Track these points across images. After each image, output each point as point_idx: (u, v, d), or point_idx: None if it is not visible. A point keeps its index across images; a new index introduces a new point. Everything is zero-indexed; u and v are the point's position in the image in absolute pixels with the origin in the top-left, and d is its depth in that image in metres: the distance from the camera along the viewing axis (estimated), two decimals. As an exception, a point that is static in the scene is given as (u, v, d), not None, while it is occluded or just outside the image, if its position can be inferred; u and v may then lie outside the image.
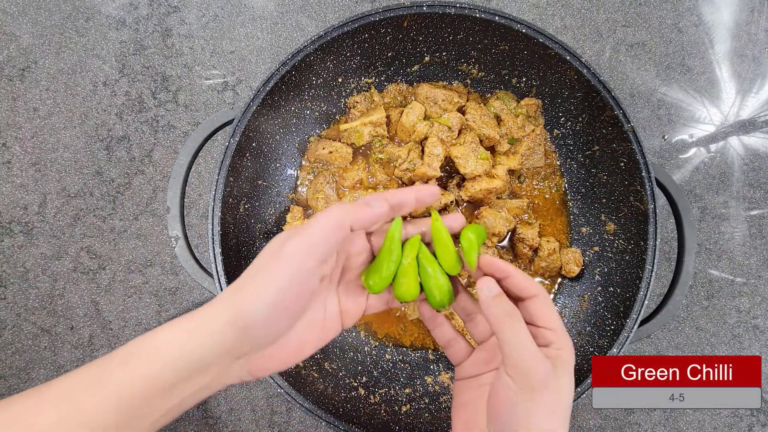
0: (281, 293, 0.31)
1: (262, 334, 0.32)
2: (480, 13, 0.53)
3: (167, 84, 0.68)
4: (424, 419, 0.56)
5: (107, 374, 0.31)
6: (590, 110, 0.58)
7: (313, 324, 0.36)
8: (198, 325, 0.32)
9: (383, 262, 0.36)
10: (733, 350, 0.66)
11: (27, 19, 0.68)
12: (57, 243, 0.66)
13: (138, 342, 0.32)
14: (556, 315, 0.35)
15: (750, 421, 0.65)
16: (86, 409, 0.30)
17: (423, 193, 0.37)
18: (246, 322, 0.31)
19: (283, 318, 0.33)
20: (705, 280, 0.67)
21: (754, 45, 0.70)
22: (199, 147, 0.55)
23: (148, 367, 0.31)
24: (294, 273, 0.31)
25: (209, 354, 0.31)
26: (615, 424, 0.65)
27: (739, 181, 0.68)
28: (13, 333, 0.65)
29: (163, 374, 0.31)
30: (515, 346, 0.32)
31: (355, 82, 0.63)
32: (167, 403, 0.32)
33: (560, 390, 0.32)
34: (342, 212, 0.33)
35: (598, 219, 0.62)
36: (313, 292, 0.33)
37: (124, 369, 0.31)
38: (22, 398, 0.31)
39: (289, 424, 0.64)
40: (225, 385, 0.34)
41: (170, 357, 0.31)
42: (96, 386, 0.31)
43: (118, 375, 0.31)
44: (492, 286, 0.35)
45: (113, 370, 0.31)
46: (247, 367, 0.34)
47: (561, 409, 0.32)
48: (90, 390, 0.31)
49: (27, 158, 0.67)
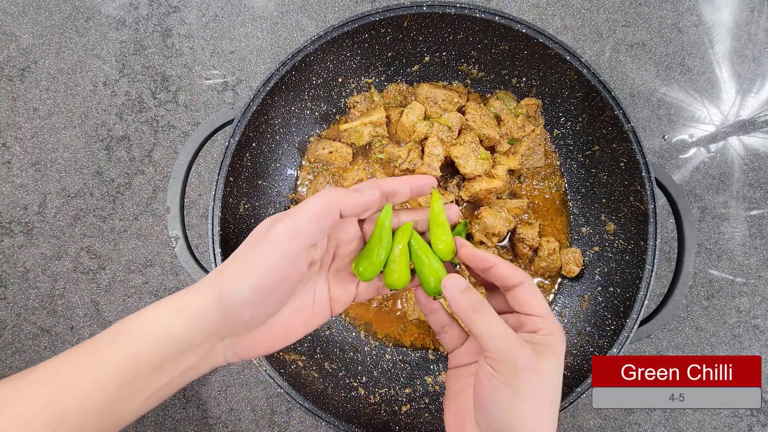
0: (265, 277, 0.31)
1: (245, 317, 0.32)
2: (480, 13, 0.53)
3: (167, 84, 0.68)
4: (424, 419, 0.56)
5: (95, 355, 0.31)
6: (590, 110, 0.58)
7: (301, 309, 0.36)
8: (183, 305, 0.32)
9: (374, 249, 0.36)
10: (733, 350, 0.66)
11: (27, 19, 0.68)
12: (57, 243, 0.66)
13: (124, 322, 0.32)
14: (543, 301, 0.35)
15: (750, 421, 0.65)
16: (75, 390, 0.30)
17: (419, 183, 0.37)
18: (227, 304, 0.31)
19: (267, 301, 0.32)
20: (705, 280, 0.67)
21: (754, 45, 0.70)
22: (199, 147, 0.55)
23: (136, 346, 0.31)
24: (280, 256, 0.31)
25: (195, 334, 0.31)
26: (615, 424, 0.65)
27: (739, 181, 0.68)
28: (13, 333, 0.65)
29: (152, 353, 0.31)
30: (489, 336, 0.32)
31: (355, 82, 0.63)
32: (157, 382, 0.32)
33: (544, 376, 0.32)
34: (332, 197, 0.33)
35: (598, 219, 0.62)
36: (300, 276, 0.33)
37: (112, 348, 0.31)
38: (5, 385, 0.30)
39: (289, 424, 0.64)
40: (212, 366, 0.34)
41: (158, 336, 0.31)
42: (84, 367, 0.31)
43: (106, 355, 0.31)
44: (458, 282, 0.35)
45: (101, 350, 0.31)
46: (233, 349, 0.34)
47: (546, 395, 0.32)
48: (78, 371, 0.31)
49: (27, 158, 0.67)
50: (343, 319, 0.63)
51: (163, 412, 0.63)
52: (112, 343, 0.31)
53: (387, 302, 0.63)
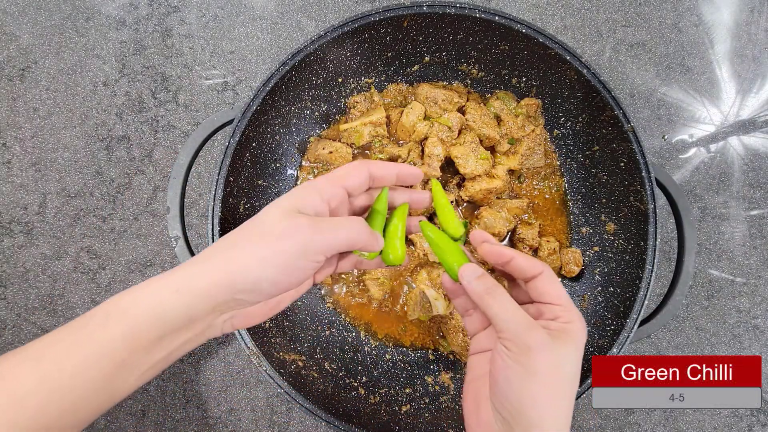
0: (284, 274, 0.33)
1: (255, 300, 0.35)
2: (480, 13, 0.53)
3: (167, 84, 0.68)
4: (424, 419, 0.56)
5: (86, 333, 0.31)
6: (590, 110, 0.58)
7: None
8: (181, 285, 0.33)
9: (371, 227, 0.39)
10: (733, 350, 0.66)
11: (27, 19, 0.68)
12: (57, 243, 0.66)
13: (118, 301, 0.33)
14: (562, 290, 0.35)
15: (750, 421, 0.65)
16: (69, 367, 0.30)
17: (405, 172, 0.40)
18: (239, 289, 0.33)
19: (281, 290, 0.35)
20: (705, 280, 0.67)
21: (754, 45, 0.70)
22: (199, 147, 0.55)
23: (131, 324, 0.32)
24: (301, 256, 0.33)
25: (196, 312, 0.33)
26: (615, 424, 0.65)
27: (739, 181, 0.68)
28: (13, 333, 0.65)
29: (149, 330, 0.32)
30: (502, 318, 0.33)
31: (355, 82, 0.63)
32: (153, 357, 0.33)
33: (558, 361, 0.32)
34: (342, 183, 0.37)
35: (598, 219, 0.62)
36: (315, 269, 0.35)
37: (105, 327, 0.32)
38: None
39: (289, 424, 0.64)
40: (208, 338, 0.36)
41: (156, 313, 0.32)
42: (77, 345, 0.31)
43: (99, 333, 0.31)
44: (474, 269, 0.36)
45: (93, 328, 0.32)
46: (231, 322, 0.36)
47: (560, 382, 0.32)
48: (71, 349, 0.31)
49: (27, 158, 0.67)
50: (343, 319, 0.63)
51: (163, 412, 0.63)
52: (105, 321, 0.32)
53: (387, 302, 0.63)
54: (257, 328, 0.53)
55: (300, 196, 0.35)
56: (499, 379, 0.33)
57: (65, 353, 0.31)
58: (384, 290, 0.62)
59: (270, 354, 0.51)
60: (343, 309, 0.63)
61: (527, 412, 0.31)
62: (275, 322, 0.57)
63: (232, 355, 0.64)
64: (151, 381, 0.63)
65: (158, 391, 0.64)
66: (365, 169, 0.38)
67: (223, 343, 0.65)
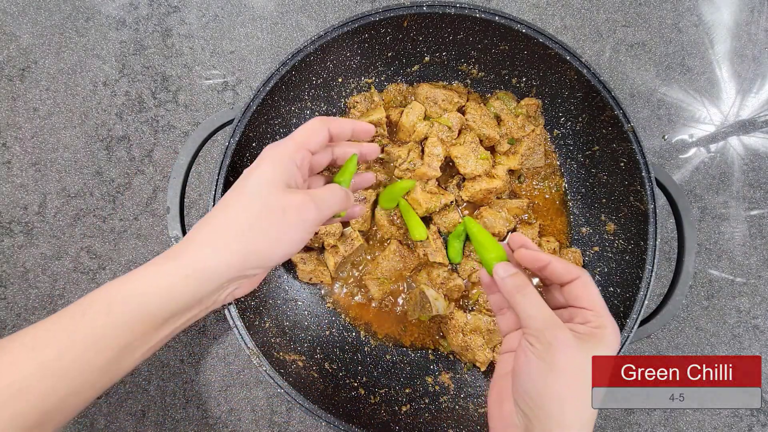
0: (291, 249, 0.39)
1: (259, 272, 0.40)
2: (480, 13, 0.53)
3: (167, 84, 0.68)
4: (424, 419, 0.56)
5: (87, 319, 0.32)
6: (590, 110, 0.58)
7: None
8: (196, 268, 0.35)
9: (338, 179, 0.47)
10: (733, 350, 0.66)
11: (27, 19, 0.68)
12: (57, 243, 0.66)
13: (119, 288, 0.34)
14: (598, 296, 0.36)
15: (750, 421, 0.65)
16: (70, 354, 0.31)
17: (359, 128, 0.46)
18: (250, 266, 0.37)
19: (283, 260, 0.41)
20: (705, 280, 0.67)
21: (754, 45, 0.70)
22: (199, 147, 0.55)
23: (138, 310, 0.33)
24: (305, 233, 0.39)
25: (205, 292, 0.36)
26: (615, 424, 0.65)
27: (739, 181, 0.68)
28: (13, 333, 0.65)
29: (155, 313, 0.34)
30: (529, 314, 0.34)
31: (355, 82, 0.63)
32: (159, 335, 0.35)
33: (584, 363, 0.33)
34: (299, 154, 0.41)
35: (598, 219, 0.62)
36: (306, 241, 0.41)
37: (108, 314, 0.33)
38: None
39: (289, 424, 0.64)
40: (210, 310, 0.40)
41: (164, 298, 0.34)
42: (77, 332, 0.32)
43: (102, 320, 0.32)
44: (507, 267, 0.38)
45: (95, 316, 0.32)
46: (233, 293, 0.40)
47: (584, 383, 0.33)
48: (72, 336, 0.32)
49: (27, 158, 0.67)
50: (343, 320, 0.63)
51: (163, 412, 0.63)
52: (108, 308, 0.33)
53: (387, 302, 0.63)
54: (257, 328, 0.53)
55: (283, 170, 0.39)
56: (521, 374, 0.34)
57: (67, 342, 0.31)
58: (384, 290, 0.62)
59: (270, 354, 0.51)
60: (343, 309, 0.63)
61: (547, 407, 0.32)
62: (275, 322, 0.57)
63: (232, 355, 0.64)
64: (151, 381, 0.63)
65: (158, 391, 0.64)
66: (325, 129, 0.42)
67: (223, 343, 0.65)
